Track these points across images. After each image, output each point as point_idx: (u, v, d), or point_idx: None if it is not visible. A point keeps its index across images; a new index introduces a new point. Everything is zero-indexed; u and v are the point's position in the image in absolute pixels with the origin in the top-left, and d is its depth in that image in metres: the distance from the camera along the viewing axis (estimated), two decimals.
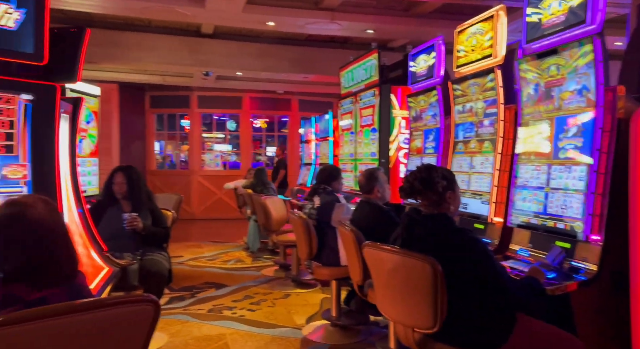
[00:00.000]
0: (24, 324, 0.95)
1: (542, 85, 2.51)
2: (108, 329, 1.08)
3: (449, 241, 1.94)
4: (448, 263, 1.89)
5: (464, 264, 1.90)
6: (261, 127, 11.24)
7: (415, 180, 2.03)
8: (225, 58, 6.49)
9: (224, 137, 10.89)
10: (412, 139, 4.07)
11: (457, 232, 1.97)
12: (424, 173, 2.03)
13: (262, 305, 4.01)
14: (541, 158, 2.52)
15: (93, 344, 1.08)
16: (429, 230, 1.99)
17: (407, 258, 1.97)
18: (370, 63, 5.15)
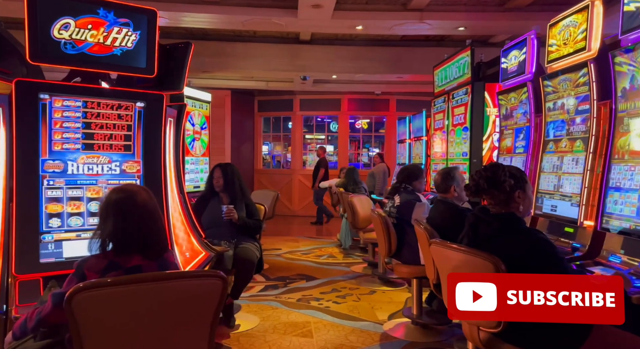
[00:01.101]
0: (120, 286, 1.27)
1: (638, 78, 2.30)
2: (186, 297, 1.37)
3: (516, 241, 1.93)
4: (514, 263, 1.88)
5: (532, 266, 1.87)
6: (363, 127, 11.46)
7: (481, 179, 2.04)
8: (321, 63, 6.83)
9: (324, 137, 11.35)
10: (502, 138, 3.92)
11: (525, 232, 1.95)
12: (489, 172, 2.04)
13: (347, 299, 4.21)
14: (636, 158, 2.31)
15: (175, 308, 1.37)
16: (495, 229, 2.00)
17: (471, 256, 2.00)
18: (463, 60, 5.03)
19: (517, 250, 1.90)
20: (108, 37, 2.20)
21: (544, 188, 3.14)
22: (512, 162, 3.68)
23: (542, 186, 3.16)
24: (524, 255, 1.88)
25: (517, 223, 1.98)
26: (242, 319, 3.54)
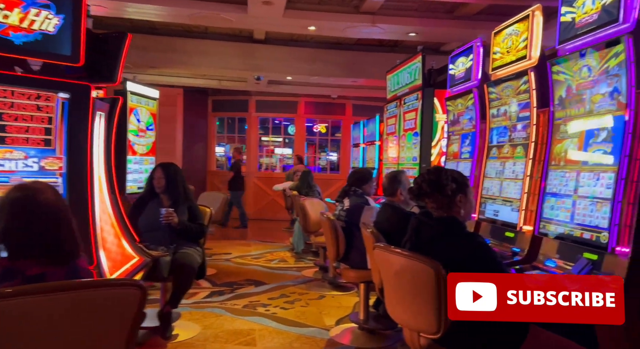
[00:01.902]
0: (20, 298, 1.12)
1: (573, 87, 2.38)
2: (98, 307, 1.23)
3: (457, 245, 1.92)
4: (455, 267, 1.86)
5: (472, 270, 1.86)
6: (321, 131, 11.44)
7: (424, 182, 2.02)
8: (276, 63, 6.74)
9: (281, 140, 11.23)
10: (449, 143, 3.98)
11: (466, 237, 1.94)
12: (432, 175, 2.02)
13: (295, 305, 4.11)
14: (571, 164, 2.38)
15: (85, 320, 1.23)
16: (437, 233, 1.98)
17: (413, 261, 1.97)
18: (414, 66, 5.10)
19: (458, 253, 1.89)
20: (25, 19, 1.99)
21: (487, 193, 3.19)
22: (458, 167, 3.73)
23: (486, 191, 3.22)
24: (464, 258, 1.87)
25: (458, 227, 1.97)
26: (182, 328, 3.36)
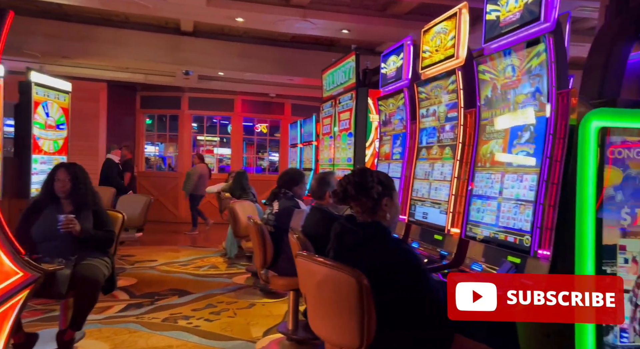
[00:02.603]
0: None
1: (498, 87, 2.34)
2: None
3: (380, 251, 1.77)
4: (378, 274, 1.72)
5: (394, 278, 1.73)
6: (262, 131, 11.14)
7: (349, 184, 1.86)
8: (206, 57, 6.38)
9: (218, 139, 10.80)
10: (381, 144, 3.90)
11: (389, 242, 1.80)
12: (357, 177, 1.86)
13: (221, 315, 3.84)
14: (496, 166, 2.34)
15: None
16: (361, 239, 1.83)
17: (334, 270, 1.80)
18: (349, 65, 5.00)
19: (381, 260, 1.75)
20: None
21: (417, 195, 3.12)
22: (389, 168, 3.66)
23: (416, 193, 3.15)
24: (387, 266, 1.74)
25: (382, 233, 1.83)
26: (88, 348, 2.99)
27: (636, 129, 1.78)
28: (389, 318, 1.74)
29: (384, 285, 1.72)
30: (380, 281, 1.72)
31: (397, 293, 1.73)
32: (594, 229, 1.76)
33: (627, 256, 1.78)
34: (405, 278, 1.72)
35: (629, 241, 1.77)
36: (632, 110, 1.82)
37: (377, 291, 1.71)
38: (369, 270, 1.71)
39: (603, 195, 1.77)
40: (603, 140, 1.77)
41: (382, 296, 1.72)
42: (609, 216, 1.76)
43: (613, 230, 1.77)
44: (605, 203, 1.77)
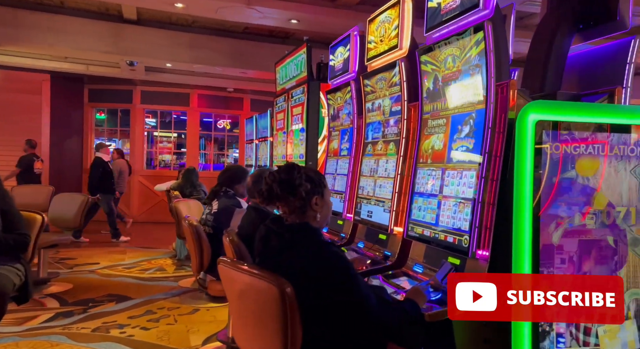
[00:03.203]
0: None
1: (440, 79, 2.22)
2: None
3: (306, 256, 1.60)
4: (304, 283, 1.56)
5: (322, 285, 1.57)
6: (225, 127, 10.81)
7: (275, 182, 1.68)
8: (152, 48, 6.02)
9: (176, 135, 10.39)
10: (330, 140, 3.75)
11: (317, 246, 1.63)
12: (284, 174, 1.69)
13: (160, 322, 3.58)
14: (437, 162, 2.22)
15: None
16: (287, 242, 1.65)
17: (255, 278, 1.63)
18: (300, 58, 4.80)
19: (308, 265, 1.58)
20: None
21: (363, 193, 2.98)
22: (337, 165, 3.51)
23: (361, 190, 3.01)
24: (314, 271, 1.57)
25: (311, 235, 1.66)
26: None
27: (579, 124, 1.69)
28: (316, 328, 1.59)
29: (310, 292, 1.56)
30: (307, 289, 1.56)
31: (325, 301, 1.57)
32: (532, 228, 1.66)
33: (564, 256, 1.70)
34: (334, 284, 1.57)
35: (566, 241, 1.68)
36: (570, 103, 1.73)
37: (304, 299, 1.55)
38: (294, 277, 1.55)
39: (540, 192, 1.67)
40: (541, 134, 1.67)
41: (309, 304, 1.56)
42: (547, 214, 1.67)
43: (551, 229, 1.67)
44: (542, 201, 1.67)
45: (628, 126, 1.69)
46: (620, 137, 1.70)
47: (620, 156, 1.68)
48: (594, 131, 1.68)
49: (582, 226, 1.67)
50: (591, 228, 1.67)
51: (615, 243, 1.68)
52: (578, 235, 1.67)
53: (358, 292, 1.58)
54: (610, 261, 1.67)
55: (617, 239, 1.68)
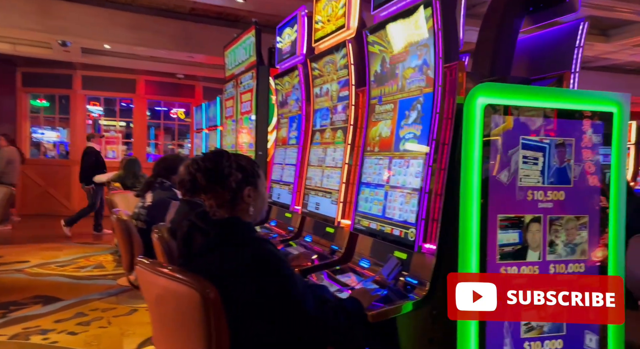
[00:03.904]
0: None
1: (387, 60, 2.07)
2: None
3: (234, 256, 1.41)
4: (234, 287, 1.37)
5: (254, 288, 1.38)
6: (179, 116, 10.31)
7: (198, 172, 1.46)
8: (86, 27, 5.53)
9: (124, 124, 9.80)
10: (278, 128, 3.55)
11: (248, 243, 1.44)
12: (209, 162, 1.47)
13: (91, 326, 3.28)
14: (384, 150, 2.08)
15: None
16: (212, 240, 1.45)
17: (173, 282, 1.41)
18: (249, 41, 4.54)
19: (236, 266, 1.39)
20: None
21: (311, 183, 2.81)
22: (286, 154, 3.32)
23: (309, 181, 2.84)
24: (244, 272, 1.38)
25: (241, 231, 1.46)
26: None
27: (533, 109, 1.59)
28: (248, 335, 1.40)
29: (241, 296, 1.37)
30: (237, 292, 1.37)
31: (258, 305, 1.39)
32: (479, 220, 1.55)
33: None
34: (267, 286, 1.39)
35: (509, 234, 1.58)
36: (522, 86, 1.62)
37: (233, 304, 1.36)
38: (222, 279, 1.36)
39: (490, 182, 1.56)
40: (490, 119, 1.55)
41: (239, 309, 1.37)
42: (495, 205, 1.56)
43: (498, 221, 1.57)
44: (491, 192, 1.56)
45: (579, 112, 1.61)
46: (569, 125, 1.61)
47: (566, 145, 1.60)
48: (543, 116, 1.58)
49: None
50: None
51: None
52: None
53: (294, 293, 1.41)
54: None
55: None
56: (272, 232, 3.09)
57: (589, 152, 1.63)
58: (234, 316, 1.37)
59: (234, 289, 1.36)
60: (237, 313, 1.37)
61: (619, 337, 1.65)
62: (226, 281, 1.36)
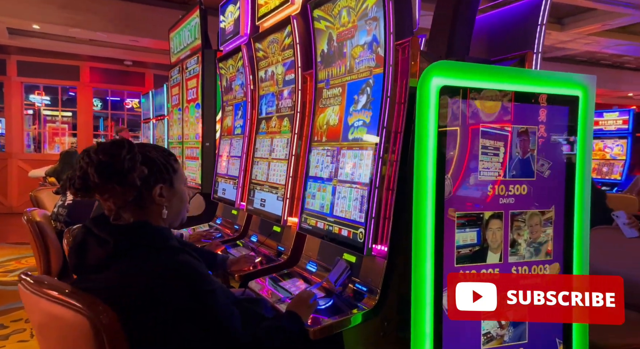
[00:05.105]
0: None
1: (334, 38, 1.82)
2: None
3: (143, 270, 1.14)
4: (140, 309, 1.10)
5: (167, 309, 1.12)
6: (133, 107, 9.67)
7: (91, 166, 1.17)
8: (12, 5, 4.95)
9: (71, 115, 9.10)
10: (224, 116, 3.25)
11: (159, 254, 1.17)
12: (103, 155, 1.18)
13: (10, 339, 2.90)
14: (332, 140, 1.85)
15: None
16: (113, 252, 1.16)
17: (57, 305, 1.12)
18: (194, 22, 4.18)
19: (144, 283, 1.12)
20: None
21: (256, 178, 2.55)
22: (231, 145, 3.03)
23: (255, 175, 2.57)
24: (153, 289, 1.12)
25: (149, 239, 1.19)
26: None
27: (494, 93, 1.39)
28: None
29: (150, 320, 1.11)
30: (141, 316, 1.10)
31: (172, 330, 1.13)
32: (434, 219, 1.35)
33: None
34: (183, 306, 1.13)
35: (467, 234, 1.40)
36: (481, 65, 1.42)
37: (140, 330, 1.10)
38: (124, 299, 1.09)
39: (448, 175, 1.36)
40: (446, 102, 1.35)
41: (144, 339, 1.11)
42: (452, 201, 1.37)
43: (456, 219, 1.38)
44: (447, 186, 1.36)
45: (543, 96, 1.44)
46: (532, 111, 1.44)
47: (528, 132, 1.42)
48: (504, 101, 1.40)
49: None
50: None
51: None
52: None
53: (217, 314, 1.17)
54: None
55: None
56: (216, 231, 2.81)
57: (553, 140, 1.47)
58: (140, 345, 1.11)
59: (139, 311, 1.10)
60: (143, 342, 1.11)
61: (583, 340, 1.52)
62: (128, 301, 1.09)
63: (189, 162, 4.26)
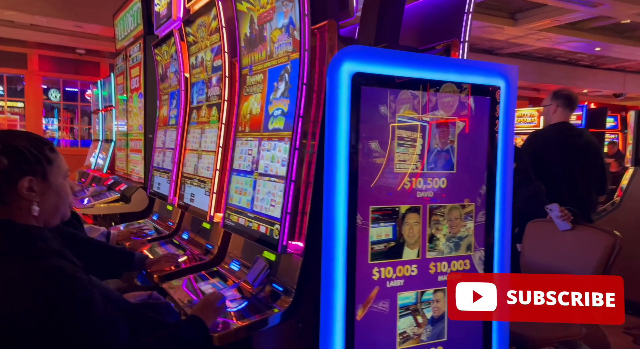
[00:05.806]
0: None
1: (255, 21, 1.71)
2: None
3: (3, 279, 0.98)
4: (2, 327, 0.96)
5: (33, 325, 0.97)
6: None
7: None
8: None
9: (22, 106, 8.60)
10: (160, 105, 3.08)
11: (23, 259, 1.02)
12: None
13: None
14: (254, 131, 1.74)
15: None
16: None
17: None
18: (136, 7, 3.96)
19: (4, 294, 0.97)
20: None
21: (187, 171, 2.41)
22: (167, 137, 2.87)
23: (186, 168, 2.43)
24: (12, 302, 0.97)
25: (13, 242, 1.04)
26: None
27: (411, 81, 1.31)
28: None
29: (10, 340, 0.96)
30: (7, 334, 0.96)
31: None
32: (347, 213, 1.26)
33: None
34: (55, 322, 0.98)
35: (381, 229, 1.32)
36: (395, 51, 1.34)
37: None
38: None
39: (360, 167, 1.28)
40: (359, 90, 1.26)
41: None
42: (366, 195, 1.29)
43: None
44: (361, 179, 1.28)
45: (463, 85, 1.37)
46: (452, 100, 1.37)
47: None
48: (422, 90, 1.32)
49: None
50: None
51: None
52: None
53: (94, 324, 1.03)
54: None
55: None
56: (150, 228, 2.66)
57: (474, 132, 1.40)
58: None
59: (3, 330, 0.95)
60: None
61: (504, 335, 1.48)
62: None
63: (133, 154, 4.06)
